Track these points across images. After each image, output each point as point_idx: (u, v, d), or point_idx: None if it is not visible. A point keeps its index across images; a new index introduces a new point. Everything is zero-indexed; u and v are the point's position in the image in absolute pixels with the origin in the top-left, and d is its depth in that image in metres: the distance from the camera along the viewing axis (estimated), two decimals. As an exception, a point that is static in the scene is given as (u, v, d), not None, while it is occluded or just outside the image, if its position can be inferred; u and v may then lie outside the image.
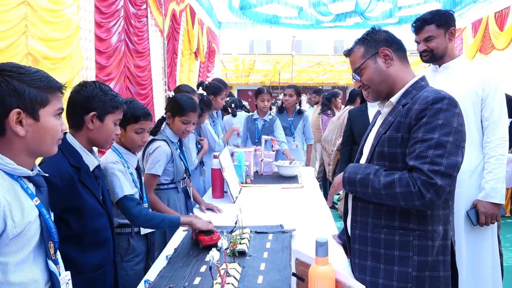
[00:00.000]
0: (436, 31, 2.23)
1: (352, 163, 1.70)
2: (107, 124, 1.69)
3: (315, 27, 8.89)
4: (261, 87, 4.35)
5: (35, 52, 2.58)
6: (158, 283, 1.59)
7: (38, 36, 2.61)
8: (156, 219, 1.94)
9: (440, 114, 1.41)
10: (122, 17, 4.07)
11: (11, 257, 1.08)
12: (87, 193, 1.60)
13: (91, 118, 1.64)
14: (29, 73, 1.13)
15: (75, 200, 1.56)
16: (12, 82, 1.09)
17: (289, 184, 3.31)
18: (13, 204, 1.07)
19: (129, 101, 2.10)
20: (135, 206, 1.92)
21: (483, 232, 2.23)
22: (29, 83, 1.12)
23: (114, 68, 3.94)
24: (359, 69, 1.61)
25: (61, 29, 2.89)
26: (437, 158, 1.37)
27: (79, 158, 1.62)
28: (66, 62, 2.97)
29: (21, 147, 1.13)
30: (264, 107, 4.22)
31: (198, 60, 7.65)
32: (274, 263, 1.76)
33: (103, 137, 1.70)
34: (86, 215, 1.60)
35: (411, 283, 1.48)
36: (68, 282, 1.29)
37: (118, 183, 1.92)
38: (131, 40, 4.31)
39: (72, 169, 1.57)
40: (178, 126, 2.51)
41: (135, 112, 2.07)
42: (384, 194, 1.45)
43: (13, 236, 1.07)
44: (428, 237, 1.48)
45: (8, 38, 2.31)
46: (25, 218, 1.10)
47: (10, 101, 1.08)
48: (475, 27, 7.75)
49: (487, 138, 2.21)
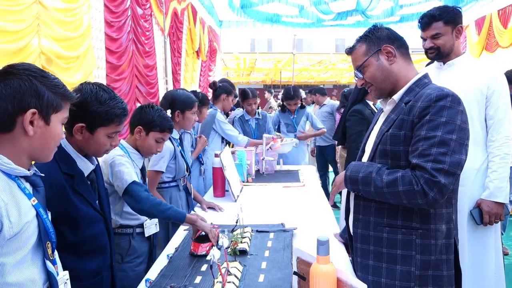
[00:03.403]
0: (444, 28, 2.19)
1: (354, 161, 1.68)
2: (98, 137, 1.56)
3: (316, 26, 8.87)
4: (246, 91, 4.30)
5: (48, 52, 2.57)
6: (159, 282, 1.58)
7: (50, 35, 2.59)
8: (164, 206, 1.90)
9: (443, 112, 1.39)
10: (129, 16, 4.07)
11: (8, 258, 1.07)
12: (81, 201, 1.54)
13: (80, 129, 1.53)
14: (50, 78, 1.17)
15: (68, 210, 1.50)
16: (35, 82, 1.12)
17: (291, 183, 3.30)
18: (9, 204, 1.06)
19: (160, 109, 2.14)
20: (144, 191, 1.91)
21: (487, 231, 2.21)
22: (49, 87, 1.15)
23: (125, 67, 3.94)
24: (361, 67, 1.60)
25: (73, 28, 2.88)
26: (440, 156, 1.35)
27: (72, 164, 1.54)
28: (80, 61, 2.96)
29: (24, 147, 1.13)
30: (252, 110, 4.33)
31: (200, 59, 7.64)
32: (275, 261, 1.75)
33: (93, 149, 1.59)
34: (81, 224, 1.54)
35: (414, 283, 1.46)
36: (66, 282, 1.28)
37: (126, 171, 1.93)
38: (139, 40, 4.31)
39: (64, 177, 1.49)
40: (189, 119, 2.62)
41: (163, 123, 2.11)
42: (387, 193, 1.44)
43: (10, 237, 1.05)
44: (431, 236, 1.47)
45: (21, 39, 2.30)
46: (22, 219, 1.09)
47: (29, 100, 1.10)
48: (479, 25, 7.71)
49: (491, 137, 2.19)
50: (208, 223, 1.96)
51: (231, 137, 3.71)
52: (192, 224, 1.93)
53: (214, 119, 3.60)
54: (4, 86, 1.08)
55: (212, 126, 3.64)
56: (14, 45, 2.24)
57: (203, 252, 1.82)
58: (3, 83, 1.09)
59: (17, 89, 1.09)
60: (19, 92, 1.09)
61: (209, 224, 1.95)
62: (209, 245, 1.85)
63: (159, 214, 1.92)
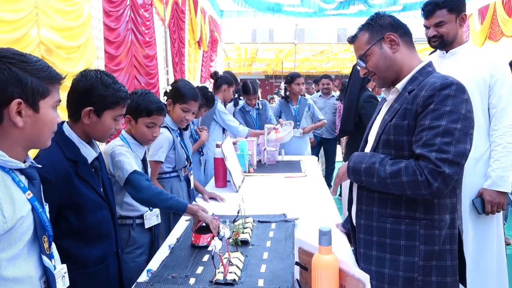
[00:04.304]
0: (447, 16, 2.16)
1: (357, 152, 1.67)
2: (105, 120, 1.59)
3: (318, 15, 8.81)
4: (248, 86, 4.26)
5: (48, 42, 2.54)
6: (161, 272, 1.58)
7: (50, 25, 2.56)
8: (165, 195, 1.87)
9: (447, 101, 1.37)
10: (128, 6, 4.02)
11: (2, 253, 1.04)
12: (85, 187, 1.55)
13: (88, 113, 1.55)
14: (31, 61, 1.08)
15: (73, 196, 1.50)
16: (15, 70, 1.04)
17: (293, 173, 3.29)
18: (3, 198, 1.03)
19: (144, 93, 2.07)
20: (145, 180, 1.89)
21: (489, 221, 2.21)
22: (32, 72, 1.07)
23: (123, 57, 3.90)
24: (364, 56, 1.57)
25: (73, 18, 2.85)
26: (444, 146, 1.34)
27: (76, 151, 1.55)
28: (81, 51, 2.93)
29: (17, 138, 1.08)
30: (252, 104, 4.34)
31: (201, 50, 7.59)
32: (277, 252, 1.74)
33: (99, 133, 1.62)
34: (86, 210, 1.55)
35: (417, 273, 1.45)
36: (64, 275, 1.25)
37: (127, 161, 1.90)
38: (138, 30, 4.27)
39: (69, 163, 1.50)
40: (178, 113, 2.48)
41: (148, 106, 2.02)
42: (390, 183, 1.42)
43: (4, 232, 1.02)
44: (435, 226, 1.45)
45: (20, 29, 2.26)
46: (16, 213, 1.05)
47: (12, 90, 1.03)
48: (482, 14, 7.64)
49: (494, 126, 2.17)
50: (209, 214, 1.94)
51: (231, 127, 3.69)
52: (193, 215, 1.90)
53: (215, 110, 3.59)
54: None
55: (213, 117, 3.62)
56: (12, 35, 2.21)
57: (204, 243, 1.80)
58: None
59: None
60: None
61: (210, 215, 1.93)
62: (210, 236, 1.83)
63: (160, 204, 1.88)
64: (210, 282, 1.49)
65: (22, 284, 1.10)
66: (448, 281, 1.46)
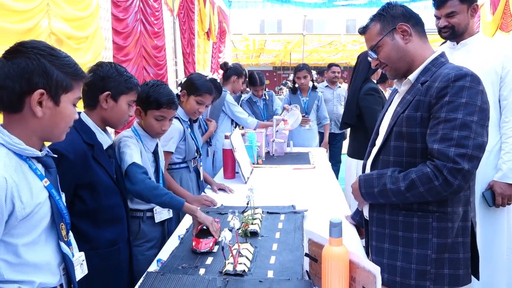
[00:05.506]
0: (459, 6, 2.12)
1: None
2: (121, 105, 1.70)
3: (327, 6, 8.73)
4: (254, 77, 4.29)
5: (58, 32, 2.54)
6: (171, 262, 1.59)
7: (60, 15, 2.56)
8: (160, 190, 1.80)
9: (463, 92, 1.35)
10: (137, -4, 4.02)
11: (21, 239, 1.07)
12: (100, 169, 1.62)
13: (105, 98, 1.66)
14: (60, 56, 1.13)
15: (89, 176, 1.57)
16: (43, 61, 1.08)
17: (301, 165, 3.28)
18: (21, 185, 1.05)
19: (156, 84, 2.05)
20: (141, 173, 1.84)
21: (499, 213, 2.19)
22: (59, 66, 1.11)
23: (131, 48, 3.90)
24: (375, 47, 1.55)
25: (83, 8, 2.85)
26: (463, 140, 1.31)
27: (92, 136, 1.64)
28: (90, 41, 2.94)
29: (34, 128, 1.11)
30: (258, 94, 4.40)
31: (210, 41, 7.56)
32: (286, 243, 1.75)
33: (116, 117, 1.71)
34: (100, 192, 1.61)
35: (430, 266, 1.45)
36: (82, 263, 1.29)
37: (129, 152, 1.89)
38: (147, 20, 4.25)
39: (86, 146, 1.58)
40: (191, 105, 2.49)
41: (158, 98, 1.99)
42: (410, 196, 1.42)
43: (22, 218, 1.05)
44: (448, 219, 1.44)
45: (31, 19, 2.26)
46: (34, 199, 1.08)
47: (37, 80, 1.08)
48: (494, 4, 7.51)
49: (505, 118, 2.15)
50: (210, 217, 1.82)
51: (240, 119, 3.69)
52: (191, 215, 1.80)
53: (223, 101, 3.58)
54: (11, 65, 1.06)
55: (221, 108, 3.62)
56: (23, 25, 2.22)
57: (206, 249, 1.66)
58: (10, 62, 1.06)
59: (24, 68, 1.06)
60: (26, 72, 1.06)
61: (210, 217, 1.82)
62: (212, 241, 1.71)
63: (153, 199, 1.81)
64: (220, 272, 1.49)
65: (42, 270, 1.13)
66: (460, 273, 1.46)
